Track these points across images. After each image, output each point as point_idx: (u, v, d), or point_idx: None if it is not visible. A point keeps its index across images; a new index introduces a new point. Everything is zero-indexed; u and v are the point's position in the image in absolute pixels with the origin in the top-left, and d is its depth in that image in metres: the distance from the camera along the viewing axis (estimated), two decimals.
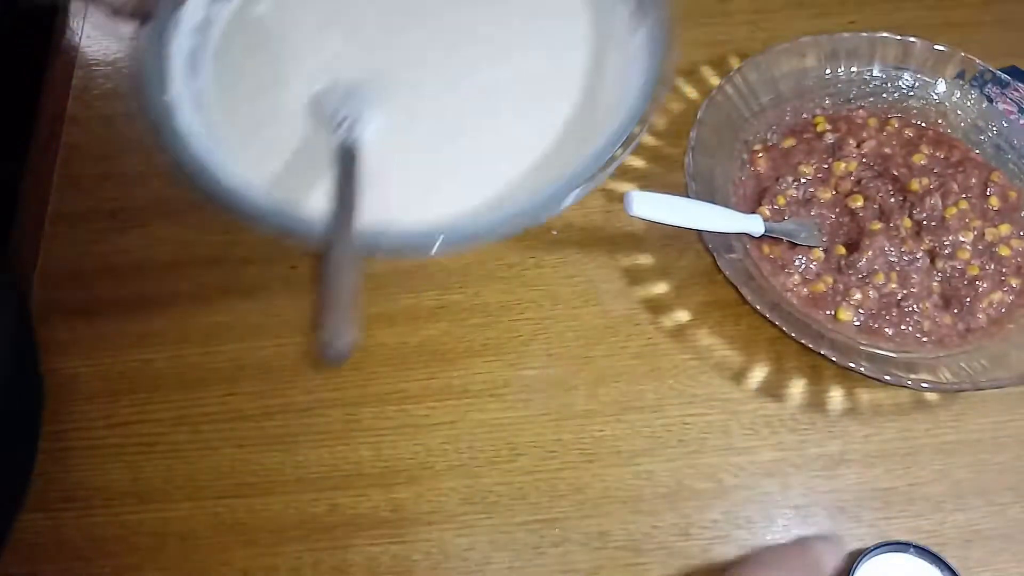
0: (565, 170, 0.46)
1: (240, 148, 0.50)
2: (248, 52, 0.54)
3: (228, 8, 0.55)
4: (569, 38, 0.54)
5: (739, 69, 0.65)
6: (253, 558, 0.51)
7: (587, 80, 0.52)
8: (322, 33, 0.54)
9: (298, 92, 0.51)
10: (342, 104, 0.49)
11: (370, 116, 0.49)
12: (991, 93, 0.66)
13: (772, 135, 0.66)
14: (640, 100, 0.48)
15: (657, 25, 0.51)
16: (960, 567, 0.51)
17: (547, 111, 0.51)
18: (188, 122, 0.49)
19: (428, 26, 0.54)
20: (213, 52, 0.53)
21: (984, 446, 0.56)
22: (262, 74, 0.53)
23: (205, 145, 0.49)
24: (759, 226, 0.59)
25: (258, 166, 0.49)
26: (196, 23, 0.53)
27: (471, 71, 0.53)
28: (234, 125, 0.51)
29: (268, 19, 0.55)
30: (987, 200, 0.63)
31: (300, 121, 0.51)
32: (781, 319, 0.54)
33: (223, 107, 0.52)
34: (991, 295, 0.59)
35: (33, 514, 0.52)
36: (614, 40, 0.53)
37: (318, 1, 0.55)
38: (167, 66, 0.50)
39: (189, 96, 0.51)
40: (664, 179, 0.65)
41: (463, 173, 0.50)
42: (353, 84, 0.51)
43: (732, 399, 0.57)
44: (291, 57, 0.54)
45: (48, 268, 0.61)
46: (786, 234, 0.60)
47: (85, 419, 0.55)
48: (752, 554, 0.51)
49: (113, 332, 0.58)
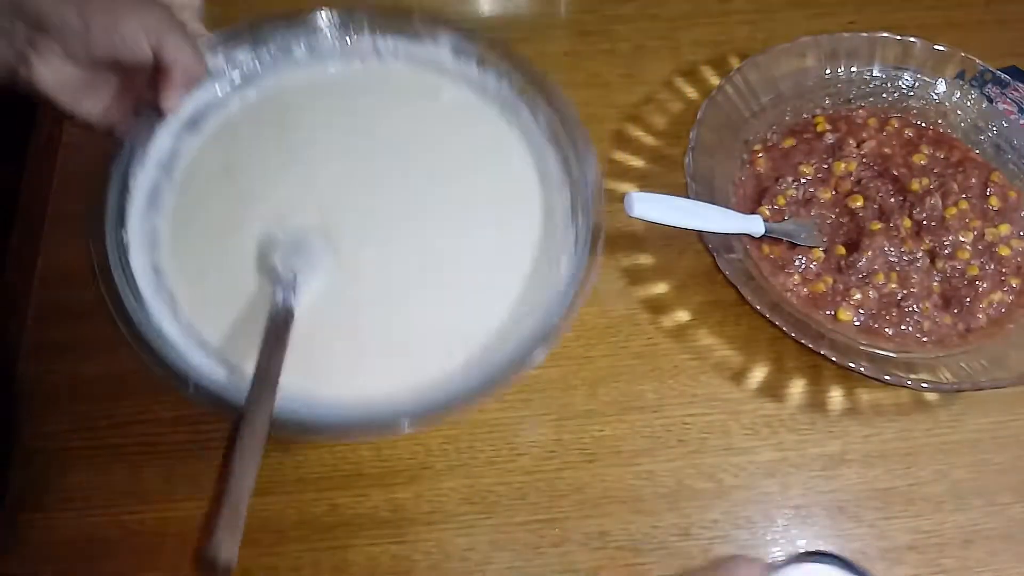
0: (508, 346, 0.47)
1: (188, 294, 0.49)
2: (207, 190, 0.53)
3: (197, 141, 0.54)
4: (519, 221, 0.54)
5: (739, 69, 0.65)
6: (253, 558, 0.51)
7: (532, 261, 0.52)
8: (280, 176, 0.53)
9: (249, 237, 0.51)
10: (287, 256, 0.49)
11: (313, 273, 0.49)
12: (991, 93, 0.66)
13: (772, 135, 0.66)
14: (570, 289, 0.49)
15: (585, 228, 0.51)
16: (960, 567, 0.52)
17: (491, 287, 0.51)
18: (140, 261, 0.49)
19: (387, 186, 0.54)
20: (175, 188, 0.53)
21: (984, 446, 0.56)
22: (218, 214, 0.52)
23: (153, 286, 0.49)
24: (759, 227, 0.59)
25: (203, 316, 0.49)
26: (162, 157, 0.52)
27: (422, 240, 0.52)
28: (184, 268, 0.51)
29: (232, 155, 0.54)
30: (987, 200, 0.63)
31: (249, 270, 0.50)
32: (781, 319, 0.54)
33: (176, 247, 0.51)
34: (991, 295, 0.59)
35: (33, 514, 0.52)
36: (558, 230, 0.53)
37: (283, 142, 0.54)
38: (128, 200, 0.50)
39: (143, 233, 0.50)
40: (664, 179, 0.65)
41: (406, 344, 0.49)
42: (301, 236, 0.50)
43: (732, 399, 0.57)
44: (247, 198, 0.53)
45: (48, 268, 0.61)
46: (786, 235, 0.60)
47: (85, 419, 0.55)
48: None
49: (112, 332, 0.57)
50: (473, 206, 0.54)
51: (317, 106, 0.55)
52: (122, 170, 0.50)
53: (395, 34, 0.56)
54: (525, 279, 0.51)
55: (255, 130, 0.54)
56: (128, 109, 0.48)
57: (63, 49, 0.43)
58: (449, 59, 0.56)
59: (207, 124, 0.54)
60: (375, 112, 0.56)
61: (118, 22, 0.43)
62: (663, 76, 0.71)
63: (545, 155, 0.55)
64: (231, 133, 0.54)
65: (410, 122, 0.56)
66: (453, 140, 0.56)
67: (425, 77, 0.57)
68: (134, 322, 0.45)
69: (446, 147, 0.55)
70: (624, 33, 0.73)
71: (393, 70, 0.57)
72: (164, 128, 0.52)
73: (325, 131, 0.55)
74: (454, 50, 0.56)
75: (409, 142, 0.55)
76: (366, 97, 0.56)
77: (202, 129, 0.54)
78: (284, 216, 0.51)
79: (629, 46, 0.72)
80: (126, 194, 0.50)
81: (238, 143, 0.54)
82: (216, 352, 0.47)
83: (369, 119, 0.55)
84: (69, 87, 0.44)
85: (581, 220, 0.52)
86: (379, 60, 0.56)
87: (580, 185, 0.52)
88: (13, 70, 0.43)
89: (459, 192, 0.54)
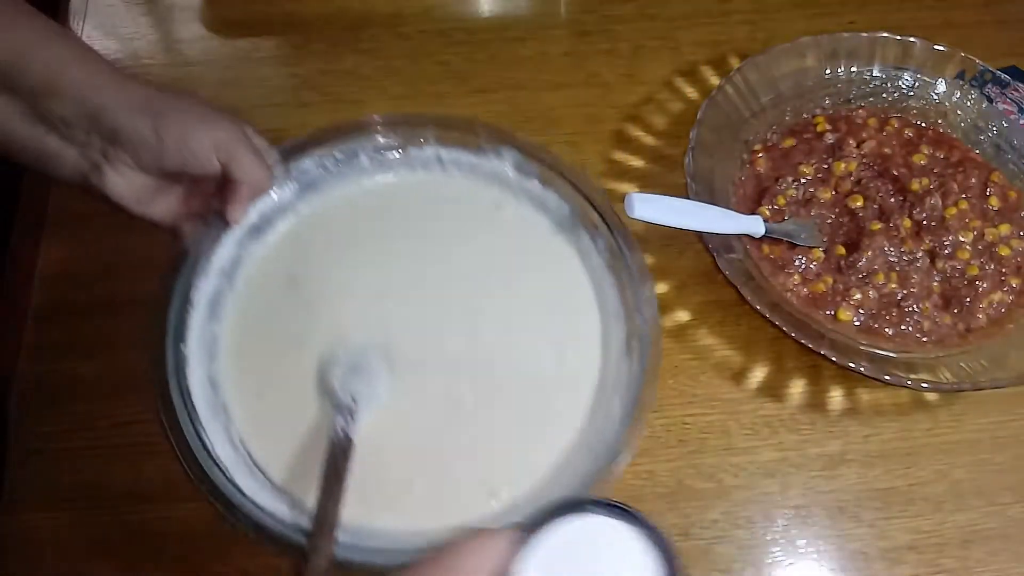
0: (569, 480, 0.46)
1: (244, 411, 0.48)
2: (269, 300, 0.53)
3: (261, 249, 0.54)
4: (576, 352, 0.52)
5: (739, 69, 0.65)
6: (254, 557, 0.51)
7: (588, 401, 0.51)
8: (342, 289, 0.53)
9: (309, 354, 0.50)
10: (347, 379, 0.47)
11: (372, 399, 0.47)
12: (991, 93, 0.66)
13: (772, 135, 0.66)
14: (623, 425, 0.47)
15: (639, 369, 0.49)
16: (960, 567, 0.52)
17: (546, 425, 0.50)
18: (197, 374, 0.48)
19: (447, 305, 0.53)
20: (236, 296, 0.52)
21: (984, 446, 0.56)
22: (279, 326, 0.52)
23: (210, 403, 0.48)
24: (759, 227, 0.59)
25: (259, 436, 0.48)
26: (225, 264, 0.52)
27: (479, 368, 0.51)
28: (242, 383, 0.50)
29: (295, 265, 0.54)
30: (987, 200, 0.63)
31: (308, 389, 0.49)
32: (781, 319, 0.54)
33: (235, 360, 0.50)
34: (991, 295, 0.59)
35: (33, 514, 0.52)
36: (612, 365, 0.52)
37: (346, 253, 0.54)
38: (189, 312, 0.50)
39: (202, 342, 0.50)
40: (664, 179, 0.65)
41: (454, 480, 0.48)
42: (362, 357, 0.49)
43: (732, 399, 0.57)
44: (309, 311, 0.52)
45: (48, 268, 0.61)
46: (786, 235, 0.60)
47: (86, 419, 0.55)
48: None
49: (113, 332, 0.58)
50: (532, 331, 0.53)
51: (380, 217, 0.55)
52: (185, 282, 0.50)
53: (458, 147, 0.55)
54: (580, 420, 0.50)
55: (318, 239, 0.54)
56: (194, 210, 0.49)
57: (135, 161, 0.44)
58: (511, 174, 0.56)
59: (271, 232, 0.54)
60: (437, 225, 0.55)
61: (189, 137, 0.44)
62: (663, 76, 0.71)
63: (603, 281, 0.54)
64: (294, 242, 0.53)
65: (471, 237, 0.55)
66: (513, 259, 0.55)
67: (487, 190, 0.57)
68: (198, 463, 0.45)
69: (506, 265, 0.55)
70: (624, 33, 0.73)
71: (455, 181, 0.56)
72: (228, 235, 0.52)
73: (388, 242, 0.54)
74: (516, 166, 0.56)
75: (470, 258, 0.54)
76: (428, 208, 0.55)
77: (266, 237, 0.54)
78: (346, 333, 0.51)
79: (629, 46, 0.72)
80: (187, 306, 0.50)
81: (301, 252, 0.54)
82: (273, 482, 0.46)
83: (431, 232, 0.55)
84: (138, 194, 0.46)
85: (636, 359, 0.50)
86: (443, 170, 0.56)
87: (637, 321, 0.51)
88: (86, 177, 0.45)
89: (518, 315, 0.53)
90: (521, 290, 0.54)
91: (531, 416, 0.50)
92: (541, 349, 0.52)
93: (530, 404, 0.51)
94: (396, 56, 0.71)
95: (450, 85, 0.69)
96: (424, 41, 0.72)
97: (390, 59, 0.71)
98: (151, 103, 0.43)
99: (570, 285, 0.55)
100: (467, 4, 0.76)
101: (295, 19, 0.73)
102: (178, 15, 0.74)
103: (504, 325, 0.53)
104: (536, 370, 0.52)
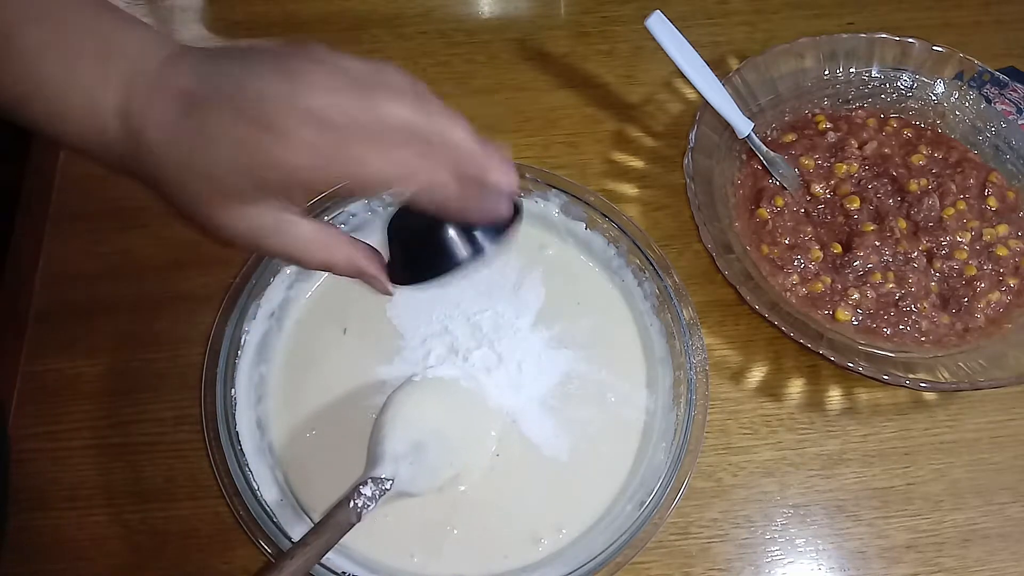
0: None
1: (291, 455, 0.50)
2: (318, 344, 0.54)
3: (308, 287, 0.55)
4: (622, 399, 0.54)
5: (738, 70, 0.65)
6: (254, 557, 0.51)
7: (634, 452, 0.52)
8: (385, 343, 0.54)
9: (359, 407, 0.51)
10: (398, 450, 0.47)
11: (410, 488, 0.47)
12: (989, 94, 0.66)
13: (771, 131, 0.66)
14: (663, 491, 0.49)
15: (687, 416, 0.51)
16: (958, 566, 0.52)
17: (593, 475, 0.51)
18: (245, 416, 0.50)
19: (496, 354, 0.54)
20: (285, 337, 0.54)
21: (982, 445, 0.56)
22: (328, 372, 0.53)
23: (255, 443, 0.49)
24: (746, 127, 0.61)
25: (304, 479, 0.49)
26: (274, 307, 0.54)
27: (528, 421, 0.52)
28: (288, 425, 0.52)
29: (342, 311, 0.54)
30: (985, 200, 0.63)
31: (354, 442, 0.50)
32: (780, 319, 0.54)
33: (282, 398, 0.52)
34: (989, 295, 0.59)
35: (33, 514, 0.52)
36: (659, 412, 0.53)
37: (394, 299, 0.54)
38: (239, 357, 0.51)
39: (250, 384, 0.51)
40: (664, 179, 0.65)
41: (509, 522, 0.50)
42: (417, 437, 0.49)
43: (731, 398, 0.57)
44: (357, 362, 0.53)
45: (49, 268, 0.61)
46: (767, 160, 0.61)
47: (86, 419, 0.55)
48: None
49: (113, 332, 0.58)
50: (578, 377, 0.54)
51: None
52: (235, 324, 0.52)
53: None
54: (626, 467, 0.51)
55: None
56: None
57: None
58: (557, 216, 0.58)
59: (318, 274, 0.55)
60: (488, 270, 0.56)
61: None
62: (662, 77, 0.71)
63: (649, 327, 0.55)
64: (341, 286, 0.53)
65: (517, 277, 0.57)
66: (559, 300, 0.57)
67: (532, 231, 0.59)
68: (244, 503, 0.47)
69: (557, 307, 0.56)
70: (623, 34, 0.73)
71: None
72: (278, 278, 0.54)
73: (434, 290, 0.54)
74: (563, 209, 0.58)
75: (517, 299, 0.56)
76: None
77: (313, 279, 0.56)
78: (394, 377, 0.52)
79: (628, 47, 0.73)
80: (238, 350, 0.52)
81: (351, 296, 0.55)
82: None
83: (481, 276, 0.55)
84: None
85: (683, 406, 0.51)
86: None
87: (684, 366, 0.52)
88: None
89: (564, 361, 0.55)
90: (566, 334, 0.56)
91: (579, 462, 0.51)
92: (587, 396, 0.54)
93: (579, 450, 0.52)
94: (396, 57, 0.71)
95: (450, 86, 0.69)
96: (424, 42, 0.73)
97: (390, 60, 0.71)
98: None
99: (615, 328, 0.56)
100: (467, 5, 0.76)
101: (296, 20, 0.73)
102: (180, 16, 0.74)
103: (553, 373, 0.54)
104: (585, 416, 0.53)
